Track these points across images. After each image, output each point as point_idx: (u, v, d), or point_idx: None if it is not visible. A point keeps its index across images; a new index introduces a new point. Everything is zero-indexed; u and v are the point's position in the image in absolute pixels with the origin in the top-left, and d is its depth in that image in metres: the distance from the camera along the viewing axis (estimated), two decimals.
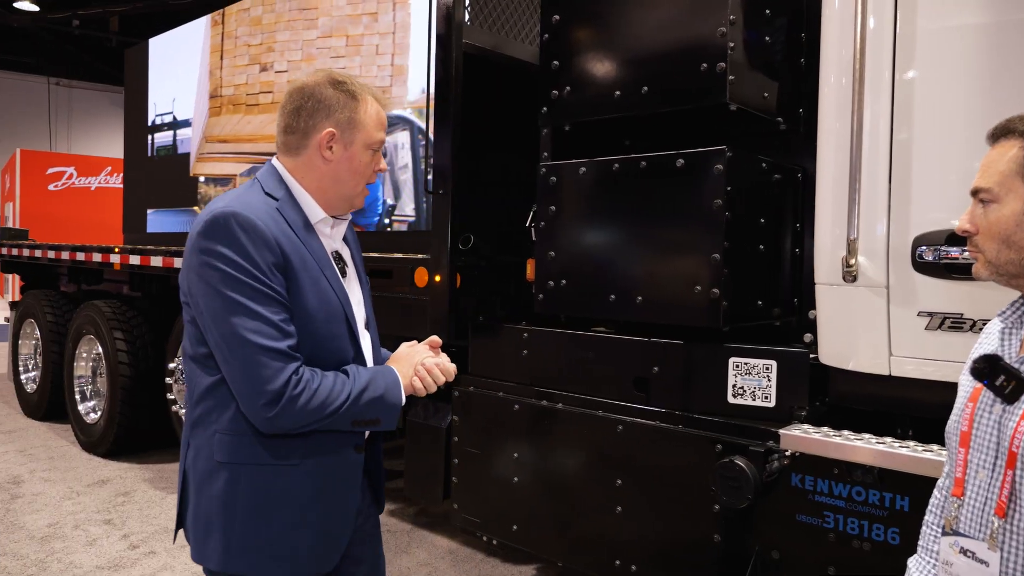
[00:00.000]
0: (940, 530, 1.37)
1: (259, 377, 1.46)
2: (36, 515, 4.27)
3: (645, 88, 2.47)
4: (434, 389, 1.71)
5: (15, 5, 16.47)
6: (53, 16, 17.25)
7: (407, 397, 1.67)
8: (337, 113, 1.60)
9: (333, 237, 1.70)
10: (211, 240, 1.49)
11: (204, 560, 1.59)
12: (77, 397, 5.75)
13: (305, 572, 1.61)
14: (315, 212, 1.63)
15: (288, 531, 1.57)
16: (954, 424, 1.37)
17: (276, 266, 1.50)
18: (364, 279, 1.81)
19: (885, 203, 2.06)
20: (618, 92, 2.54)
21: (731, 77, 2.30)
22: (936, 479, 1.90)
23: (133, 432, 5.30)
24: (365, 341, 1.72)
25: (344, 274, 1.68)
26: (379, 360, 1.78)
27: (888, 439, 2.04)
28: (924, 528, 1.47)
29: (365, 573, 1.81)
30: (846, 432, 2.13)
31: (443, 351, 1.80)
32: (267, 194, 1.59)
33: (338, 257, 1.69)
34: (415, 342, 1.78)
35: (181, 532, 1.68)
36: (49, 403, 6.33)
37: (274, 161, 1.67)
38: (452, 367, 1.76)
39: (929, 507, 1.44)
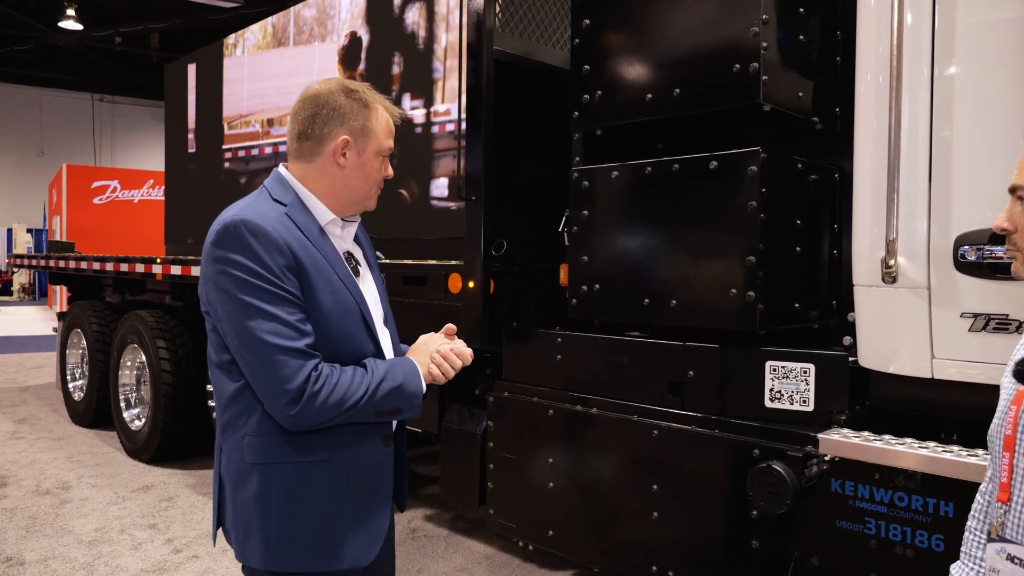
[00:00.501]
0: (984, 536, 1.34)
1: (279, 376, 1.50)
2: (84, 519, 4.38)
3: (677, 90, 2.46)
4: (452, 375, 1.74)
5: (60, 25, 16.95)
6: (96, 34, 17.73)
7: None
8: (351, 121, 1.65)
9: (344, 238, 1.74)
10: (224, 248, 1.53)
11: (246, 559, 1.63)
12: (122, 405, 5.88)
13: (345, 565, 1.63)
14: (324, 215, 1.67)
15: (324, 525, 1.60)
16: (997, 428, 1.33)
17: (289, 269, 1.54)
18: (379, 277, 1.85)
19: (925, 202, 2.02)
20: (650, 95, 2.53)
21: (764, 77, 2.27)
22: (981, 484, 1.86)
23: (176, 439, 5.40)
24: (384, 337, 1.75)
25: (357, 273, 1.73)
26: (400, 354, 1.81)
27: (931, 443, 2.00)
28: (967, 534, 1.43)
29: (384, 571, 1.85)
30: (887, 436, 2.09)
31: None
32: (275, 200, 1.63)
33: (350, 257, 1.73)
34: (431, 332, 1.82)
35: (221, 534, 1.72)
36: (96, 411, 6.48)
37: (280, 169, 1.72)
38: (468, 351, 1.78)
39: (972, 512, 1.41)
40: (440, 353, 1.74)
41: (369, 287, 1.77)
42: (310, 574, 1.62)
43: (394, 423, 1.75)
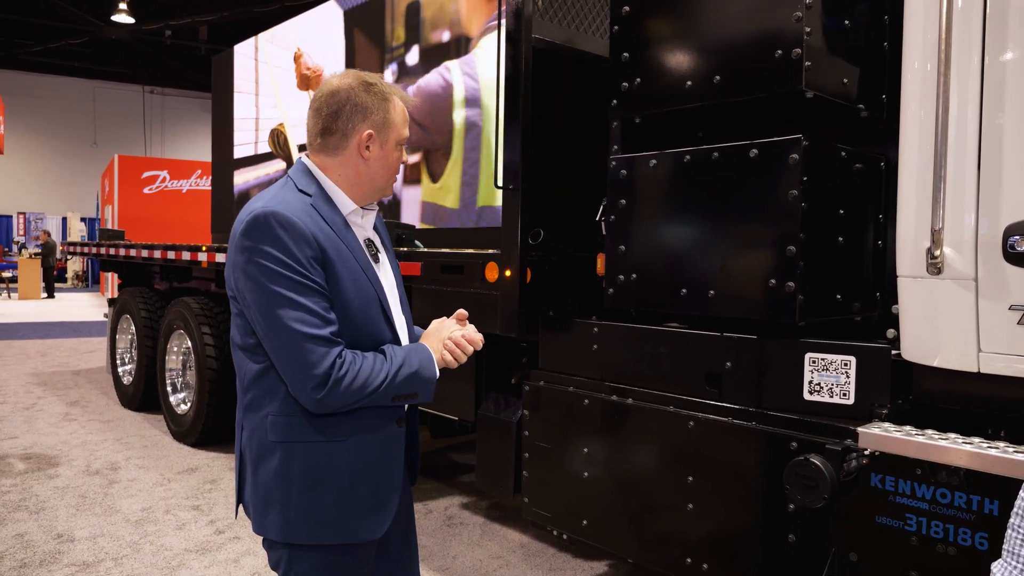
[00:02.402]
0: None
1: (307, 363, 1.57)
2: (131, 500, 4.51)
3: (718, 77, 2.42)
4: (464, 359, 1.81)
5: (112, 18, 17.38)
6: (147, 27, 18.13)
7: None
8: (373, 115, 1.72)
9: (364, 226, 1.80)
10: (253, 239, 1.58)
11: (264, 531, 1.70)
12: (168, 389, 6.04)
13: (358, 539, 1.71)
14: (346, 204, 1.74)
15: (340, 501, 1.67)
16: None
17: (315, 260, 1.60)
18: (394, 264, 1.92)
19: (973, 191, 1.96)
20: (690, 82, 2.50)
21: (807, 63, 2.22)
22: None
23: (219, 423, 5.53)
24: (400, 323, 1.82)
25: (376, 260, 1.80)
26: (414, 338, 1.88)
27: (976, 439, 1.94)
28: (1009, 531, 1.38)
29: (397, 545, 1.94)
30: (930, 431, 2.04)
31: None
32: (300, 191, 1.69)
33: (370, 244, 1.81)
34: (444, 318, 1.89)
35: (242, 508, 1.79)
36: (143, 394, 6.67)
37: (304, 159, 1.77)
38: (479, 336, 1.85)
39: (1015, 510, 1.36)
40: (452, 340, 1.81)
41: (386, 273, 1.84)
42: (327, 546, 1.69)
43: (406, 405, 1.82)
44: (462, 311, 1.90)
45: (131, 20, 17.39)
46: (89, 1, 17.79)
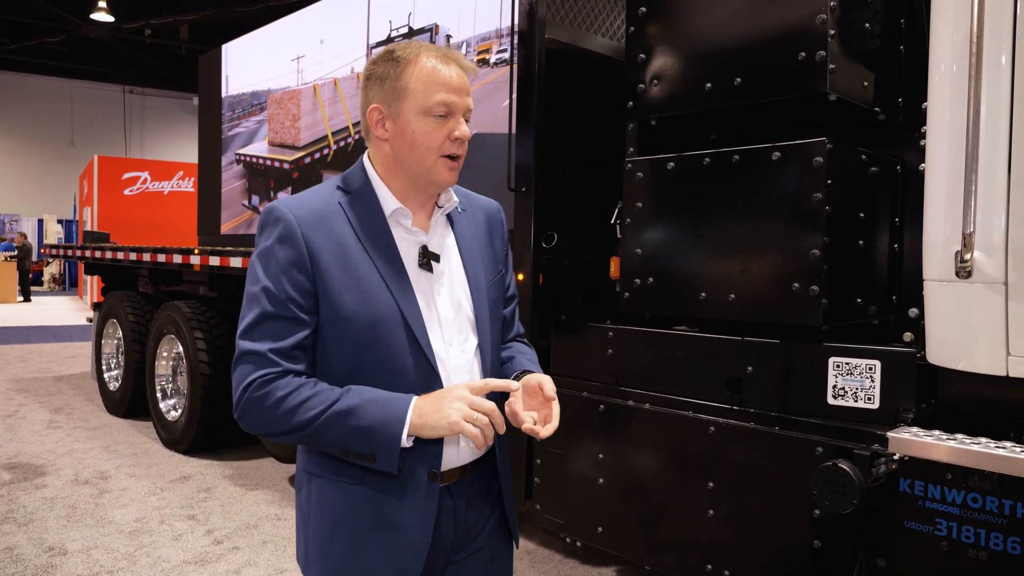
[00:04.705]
0: None
1: (235, 374, 1.42)
2: (123, 510, 4.41)
3: (738, 80, 2.40)
4: (490, 441, 1.38)
5: (91, 17, 17.13)
6: (127, 26, 17.90)
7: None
8: (385, 86, 1.45)
9: (415, 230, 1.51)
10: (257, 233, 1.49)
11: (297, 556, 1.60)
12: (158, 395, 5.93)
13: None
14: (389, 202, 1.49)
15: (350, 554, 1.47)
16: None
17: (294, 263, 1.40)
18: (482, 277, 1.57)
19: (1004, 195, 1.95)
20: (709, 84, 2.47)
21: (831, 66, 2.21)
22: None
23: (213, 430, 5.44)
24: (445, 352, 1.49)
25: (429, 269, 1.50)
26: (498, 374, 1.57)
27: (1008, 443, 1.93)
28: None
29: None
30: (960, 435, 2.02)
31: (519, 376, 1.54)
32: (339, 188, 1.50)
33: (425, 252, 1.50)
34: (495, 380, 1.47)
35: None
36: (131, 400, 6.54)
37: (365, 153, 1.59)
38: (500, 420, 1.40)
39: None
40: (483, 409, 1.37)
41: (446, 289, 1.52)
42: None
43: (458, 454, 1.49)
44: (542, 383, 1.49)
45: (111, 19, 17.14)
46: None
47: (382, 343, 1.42)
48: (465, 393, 1.38)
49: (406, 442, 1.37)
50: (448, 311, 1.51)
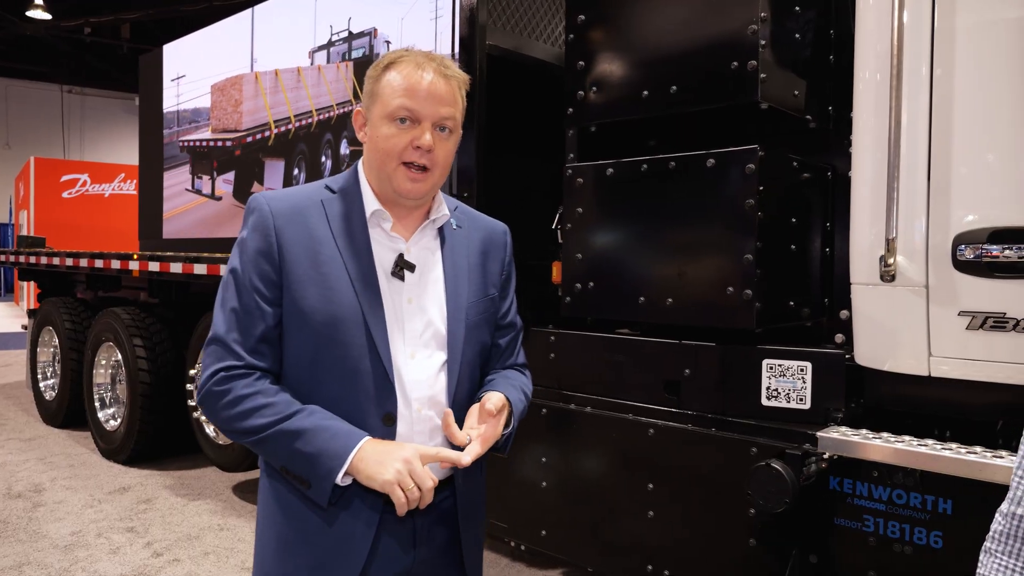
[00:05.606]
0: (1014, 562, 1.26)
1: (204, 356, 1.47)
2: (59, 523, 4.27)
3: (674, 88, 2.44)
4: (412, 506, 1.37)
5: (28, 14, 16.58)
6: (65, 24, 17.36)
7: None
8: (366, 89, 1.49)
9: (395, 236, 1.50)
10: (243, 223, 1.52)
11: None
12: (97, 404, 5.76)
13: None
14: (370, 203, 1.49)
15: (282, 551, 1.47)
16: None
17: (262, 253, 1.42)
18: (464, 295, 1.54)
19: (924, 201, 2.02)
20: (646, 92, 2.51)
21: (763, 75, 2.27)
22: (980, 481, 1.87)
23: (153, 439, 5.30)
24: (405, 363, 1.46)
25: (400, 278, 1.48)
26: (460, 394, 1.54)
27: (930, 441, 2.01)
28: (987, 558, 1.28)
29: None
30: (886, 434, 2.09)
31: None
32: (326, 187, 1.52)
33: (399, 260, 1.49)
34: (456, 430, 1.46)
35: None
36: (68, 410, 6.35)
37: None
38: (429, 487, 1.38)
39: (992, 535, 1.28)
40: (412, 472, 1.35)
41: (419, 301, 1.50)
42: None
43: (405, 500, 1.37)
44: (485, 399, 1.50)
45: (48, 16, 16.62)
46: None
47: (340, 342, 1.41)
48: (412, 457, 1.37)
49: (342, 480, 1.37)
50: (416, 323, 1.49)
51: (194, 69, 5.98)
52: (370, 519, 1.43)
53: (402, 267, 1.49)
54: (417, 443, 1.45)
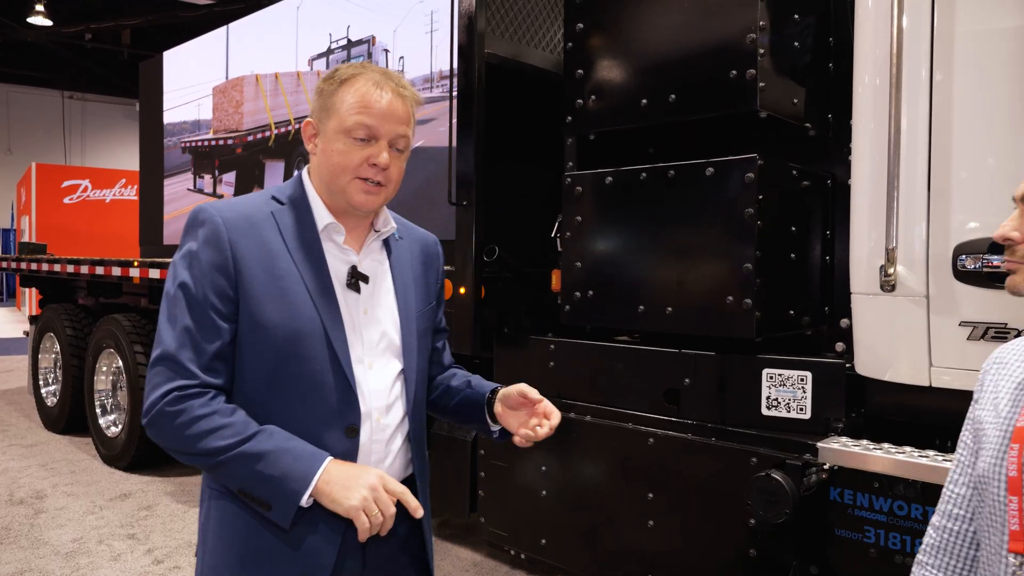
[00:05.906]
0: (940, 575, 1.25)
1: (150, 377, 1.37)
2: (60, 530, 4.27)
3: (673, 96, 2.44)
4: (374, 529, 1.33)
5: (29, 20, 16.61)
6: (66, 30, 17.39)
7: None
8: (320, 101, 1.46)
9: (347, 248, 1.49)
10: (184, 233, 1.44)
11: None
12: (98, 411, 5.76)
13: None
14: (322, 217, 1.47)
15: (221, 566, 1.44)
16: (994, 468, 1.16)
17: (217, 266, 1.37)
18: (412, 305, 1.56)
19: (924, 210, 2.02)
20: (645, 100, 2.51)
21: (761, 84, 2.26)
22: None
23: (154, 446, 5.24)
24: (364, 374, 1.46)
25: (355, 289, 1.47)
26: (410, 403, 1.54)
27: (931, 452, 2.00)
28: (920, 570, 1.26)
29: None
30: (887, 445, 2.08)
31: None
32: (273, 198, 1.48)
33: (354, 272, 1.48)
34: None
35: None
36: (69, 416, 6.34)
37: (306, 167, 1.59)
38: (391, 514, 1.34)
39: (925, 548, 1.26)
40: (377, 499, 1.32)
41: (373, 312, 1.51)
42: None
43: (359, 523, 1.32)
44: (523, 392, 1.52)
45: (49, 22, 16.65)
46: (3, 2, 16.97)
47: (302, 356, 1.39)
48: (378, 484, 1.33)
49: (306, 502, 1.34)
50: (372, 333, 1.49)
51: (194, 76, 6.00)
52: (331, 539, 1.42)
53: (357, 279, 1.48)
54: (375, 451, 1.46)
